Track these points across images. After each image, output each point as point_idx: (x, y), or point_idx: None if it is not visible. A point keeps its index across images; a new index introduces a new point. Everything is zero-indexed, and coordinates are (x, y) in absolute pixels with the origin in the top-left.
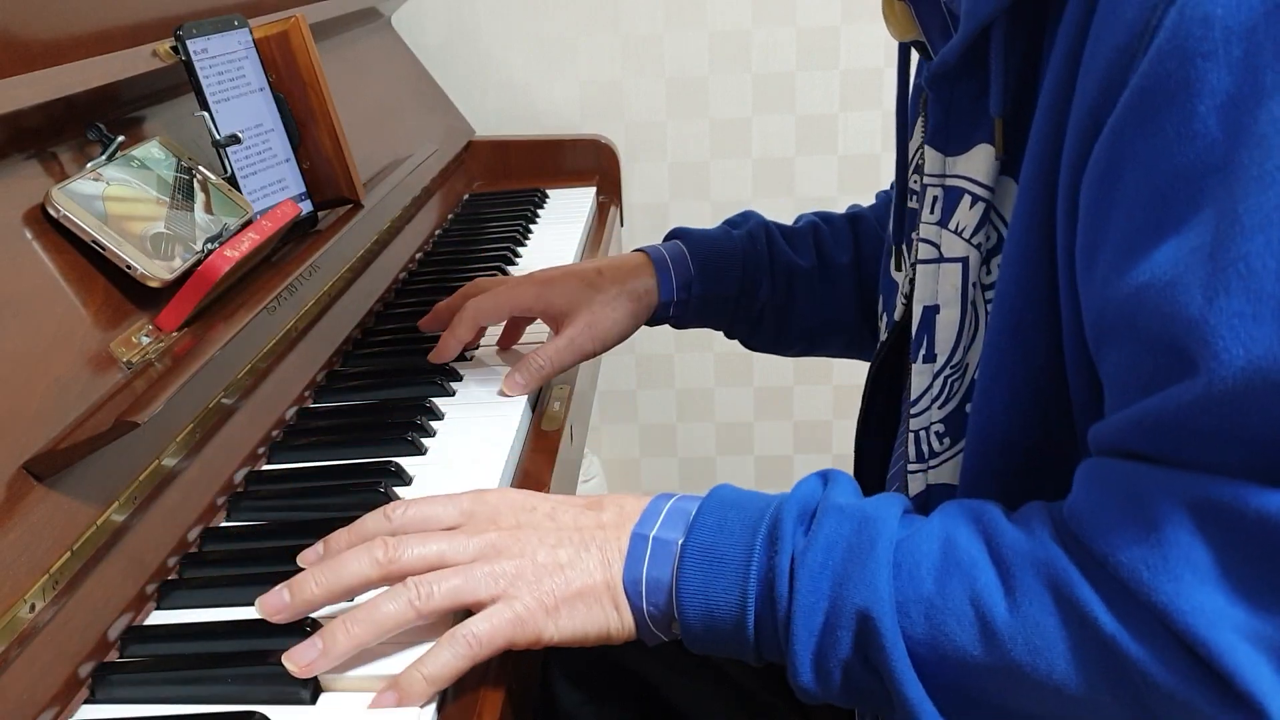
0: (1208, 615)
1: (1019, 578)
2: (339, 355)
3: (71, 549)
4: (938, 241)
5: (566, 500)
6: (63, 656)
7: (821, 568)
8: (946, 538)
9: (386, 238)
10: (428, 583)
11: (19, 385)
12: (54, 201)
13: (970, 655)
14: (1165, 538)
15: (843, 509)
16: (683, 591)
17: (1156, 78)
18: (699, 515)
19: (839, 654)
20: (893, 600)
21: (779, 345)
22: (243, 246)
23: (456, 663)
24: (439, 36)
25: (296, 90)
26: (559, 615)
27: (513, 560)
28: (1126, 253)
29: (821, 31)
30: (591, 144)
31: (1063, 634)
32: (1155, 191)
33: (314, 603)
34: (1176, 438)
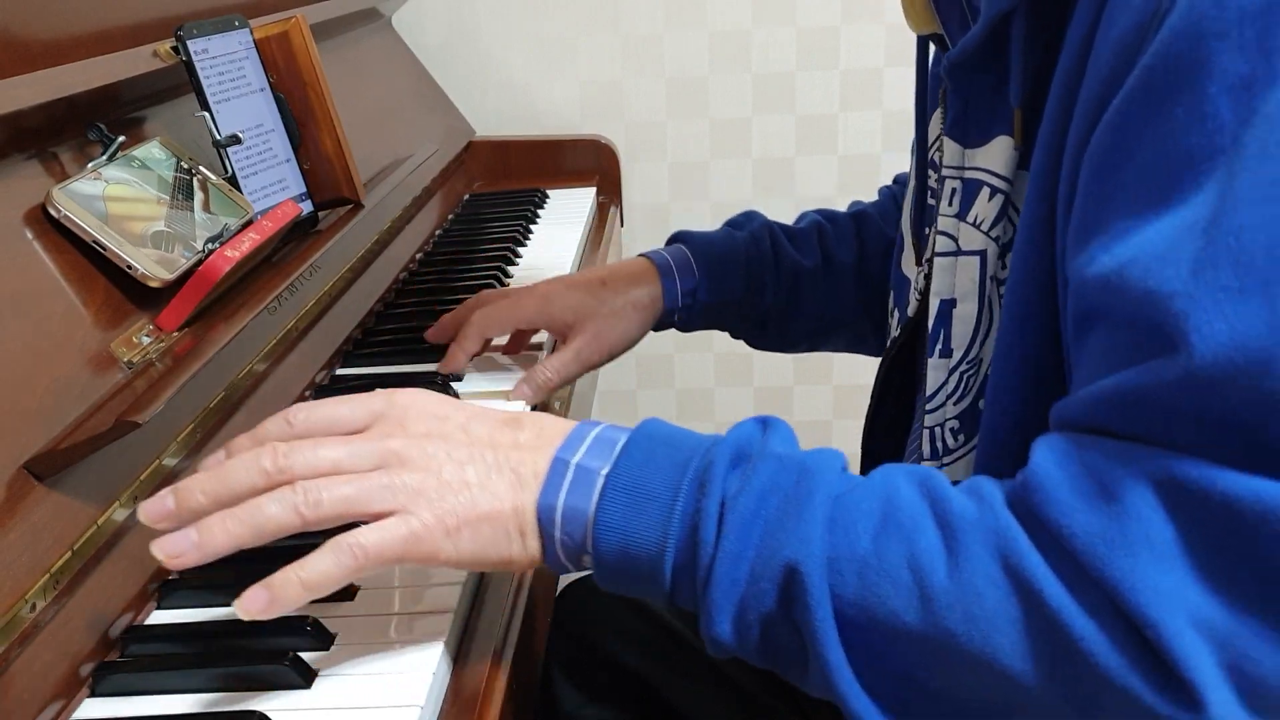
0: (1161, 596)
1: (963, 543)
2: (339, 355)
3: (72, 548)
4: (955, 234)
5: (484, 412)
6: (64, 656)
7: (753, 516)
8: (888, 497)
9: (387, 238)
10: (317, 488)
11: (19, 385)
12: (55, 201)
13: (902, 620)
14: (1126, 512)
15: (781, 458)
16: (600, 524)
17: (1168, 58)
18: (627, 446)
19: (761, 608)
20: (824, 555)
21: (784, 344)
22: (243, 246)
23: (337, 571)
24: (439, 36)
25: (297, 90)
26: (459, 536)
27: (415, 473)
28: (1119, 231)
29: (821, 31)
30: (591, 144)
31: (1005, 605)
32: (1160, 172)
33: (199, 511)
34: (1150, 415)
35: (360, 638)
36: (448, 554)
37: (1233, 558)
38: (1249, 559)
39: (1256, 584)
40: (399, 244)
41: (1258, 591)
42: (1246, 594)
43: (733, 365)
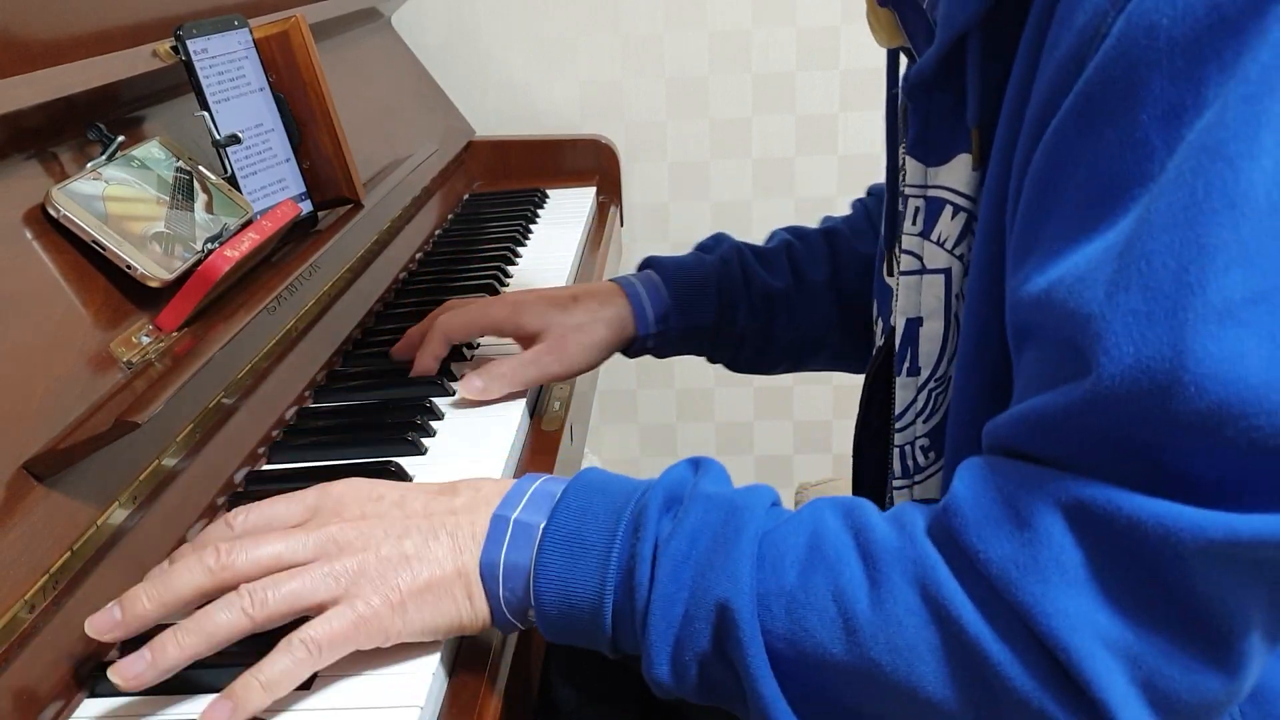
0: (1071, 619)
1: (885, 573)
2: (339, 355)
3: (72, 549)
4: (920, 253)
5: (418, 486)
6: (63, 656)
7: (685, 557)
8: (814, 531)
9: (386, 238)
10: (262, 588)
11: (19, 385)
12: (54, 201)
13: (829, 653)
14: (1037, 538)
15: (710, 497)
16: (540, 577)
17: (1101, 84)
18: (562, 499)
19: (696, 647)
20: (753, 592)
21: (762, 366)
22: (243, 246)
23: (296, 669)
24: (439, 36)
25: (297, 90)
26: (406, 611)
27: (355, 556)
28: (1050, 253)
29: (821, 31)
30: (591, 144)
31: (924, 634)
32: (1092, 195)
33: (146, 617)
34: (1060, 437)
35: None
36: (397, 629)
37: (1138, 580)
38: (1154, 581)
39: (1162, 604)
40: (399, 244)
41: (1164, 612)
42: (1153, 614)
43: None
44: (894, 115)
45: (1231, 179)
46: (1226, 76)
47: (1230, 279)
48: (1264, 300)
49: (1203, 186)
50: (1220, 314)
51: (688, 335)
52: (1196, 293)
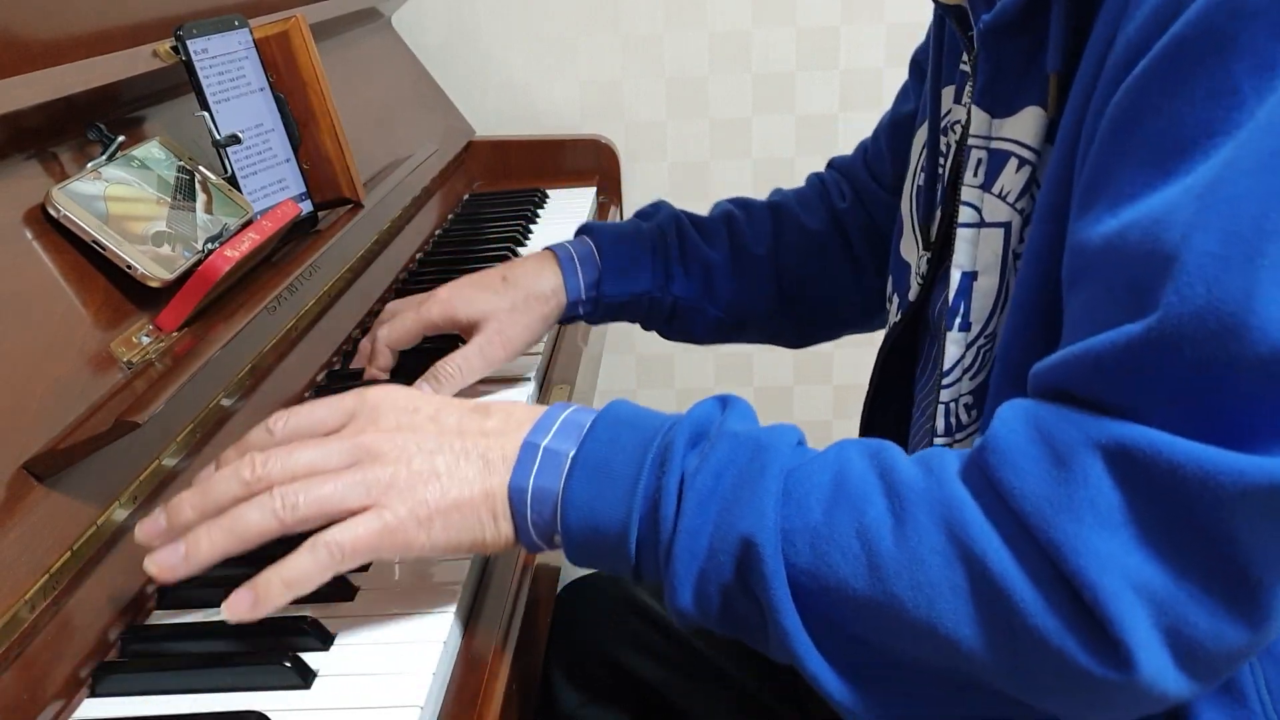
0: (1101, 559)
1: (910, 511)
2: (339, 355)
3: (72, 549)
4: (980, 205)
5: (453, 402)
6: (63, 656)
7: (710, 492)
8: (840, 469)
9: (386, 238)
10: (294, 492)
11: (19, 385)
12: (54, 201)
13: (852, 588)
14: (1074, 477)
15: (737, 435)
16: (568, 503)
17: (1198, 30)
18: (592, 429)
19: (720, 579)
20: (778, 527)
21: (695, 337)
22: (243, 246)
23: (316, 570)
24: (439, 36)
25: (297, 90)
26: (432, 526)
27: (387, 467)
28: (1125, 196)
29: (821, 31)
30: (591, 144)
31: (948, 571)
32: (1174, 140)
33: (188, 524)
34: (1112, 377)
35: (360, 638)
36: (421, 543)
37: (1174, 524)
38: (1189, 526)
39: (1195, 551)
40: (399, 244)
41: (1196, 559)
42: (1185, 560)
43: (733, 365)
44: (938, 78)
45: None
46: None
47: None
48: None
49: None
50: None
51: (620, 303)
52: (1275, 240)
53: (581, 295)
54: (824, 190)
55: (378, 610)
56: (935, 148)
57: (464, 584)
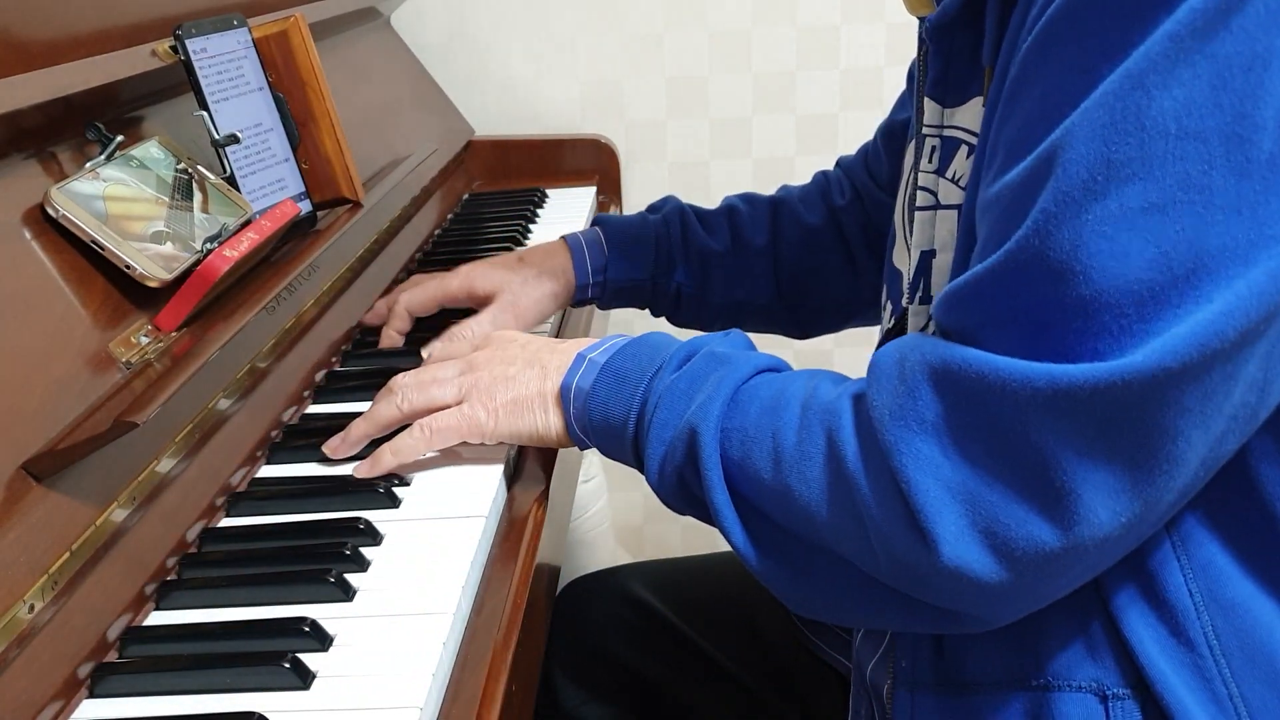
0: (919, 460)
1: (810, 420)
2: (338, 355)
3: (71, 549)
4: (935, 189)
5: (540, 337)
6: (62, 657)
7: (680, 394)
8: (781, 389)
9: (386, 237)
10: (412, 391)
11: (18, 385)
12: (53, 201)
13: (762, 478)
14: (910, 390)
15: (714, 354)
16: (591, 399)
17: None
18: (623, 346)
19: (675, 461)
20: (718, 425)
21: (700, 323)
22: (242, 246)
23: (417, 445)
24: (439, 36)
25: (296, 90)
26: (499, 417)
27: (476, 374)
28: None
29: (821, 31)
30: (591, 144)
31: (823, 469)
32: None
33: (360, 438)
34: (957, 308)
35: (360, 638)
36: (492, 429)
37: (981, 430)
38: (994, 432)
39: (1001, 455)
40: (398, 243)
41: (1003, 463)
42: (993, 464)
43: None
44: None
45: (1145, 105)
46: (1165, 16)
47: (1130, 191)
48: (1156, 211)
49: (1121, 109)
50: (1116, 219)
51: (624, 288)
52: (1099, 199)
53: (589, 279)
54: (826, 187)
55: (377, 611)
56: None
57: (463, 584)
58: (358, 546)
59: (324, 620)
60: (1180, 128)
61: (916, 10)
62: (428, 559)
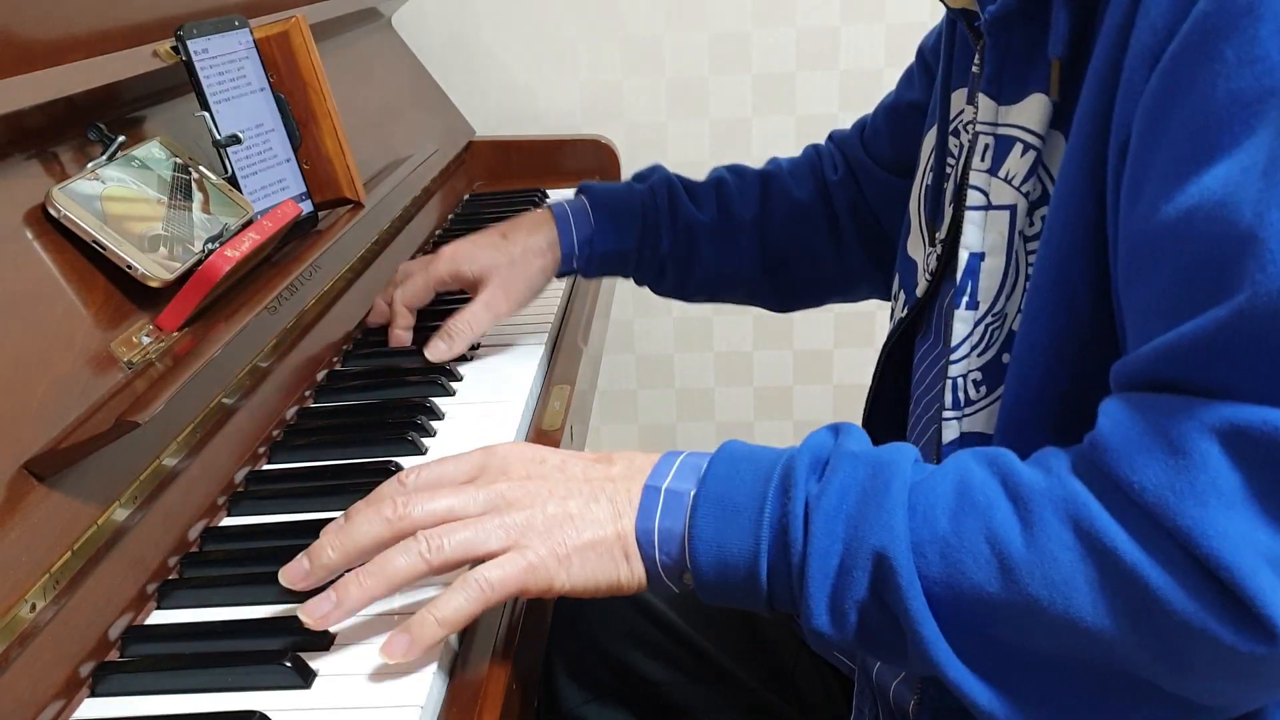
0: (1233, 539)
1: (1036, 512)
2: (340, 355)
3: (72, 548)
4: (986, 189)
5: (576, 454)
6: (63, 656)
7: (836, 511)
8: (961, 479)
9: (387, 238)
10: (438, 535)
11: (20, 385)
12: (54, 201)
13: (986, 592)
14: (1193, 463)
15: (856, 455)
16: (695, 540)
17: (1220, 3)
18: (711, 466)
19: (854, 595)
20: (908, 540)
21: (682, 293)
22: (243, 246)
23: (469, 606)
24: (439, 36)
25: (297, 90)
26: (570, 564)
27: (523, 511)
28: (1175, 177)
29: (821, 31)
30: (592, 144)
31: (1081, 566)
32: (1211, 116)
33: (332, 566)
34: (1206, 361)
35: (360, 638)
36: (562, 582)
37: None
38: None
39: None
40: (399, 244)
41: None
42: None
43: (733, 365)
44: (949, 80)
45: None
46: None
47: None
48: None
49: None
50: None
51: (609, 257)
52: None
53: (575, 250)
54: (817, 161)
55: (378, 610)
56: (944, 149)
57: None
58: None
59: None
60: None
61: (954, 1)
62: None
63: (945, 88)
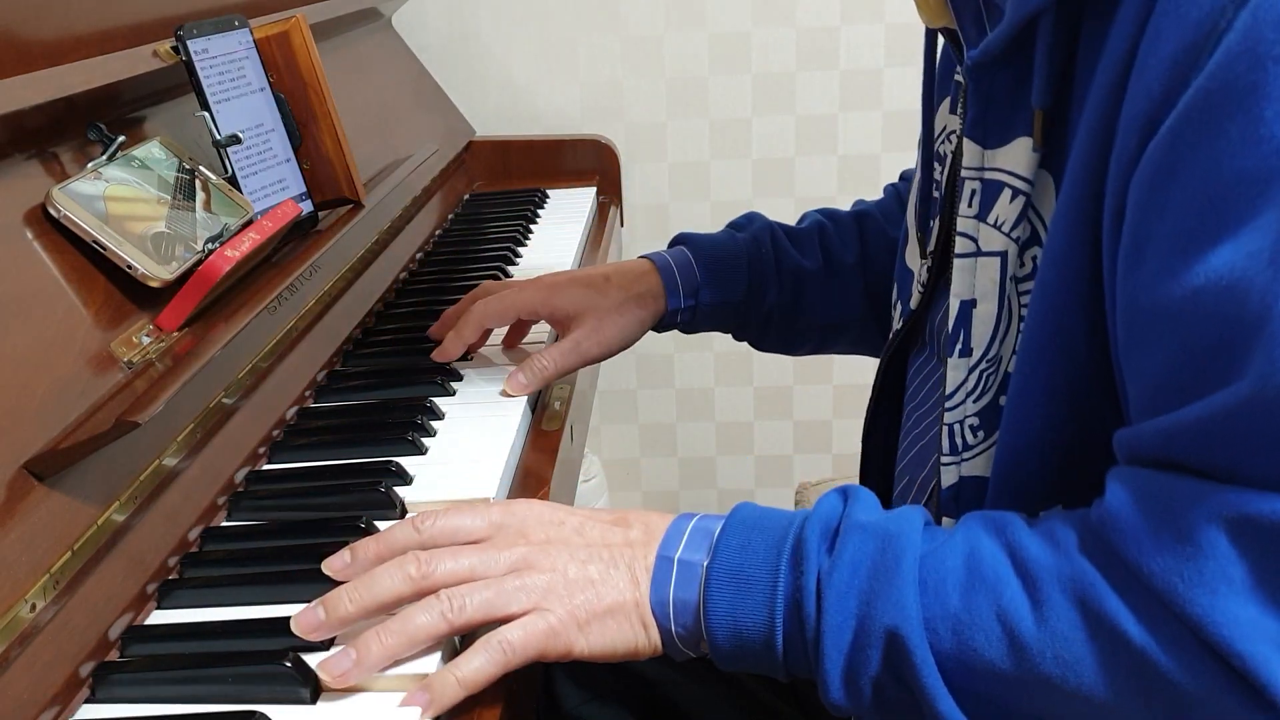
0: (1243, 628)
1: (1045, 591)
2: (339, 355)
3: (72, 549)
4: (975, 235)
5: (593, 515)
6: (63, 656)
7: (848, 587)
8: (970, 552)
9: (387, 238)
10: (460, 595)
11: (20, 385)
12: (55, 201)
13: (999, 669)
14: (1201, 551)
15: (865, 526)
16: (711, 614)
17: (1224, 80)
18: (722, 536)
19: (869, 671)
20: (920, 618)
21: (789, 346)
22: (243, 246)
23: (489, 668)
24: (439, 36)
25: (297, 90)
26: (589, 630)
27: (544, 574)
28: (1179, 254)
29: (821, 31)
30: (592, 144)
31: (1091, 646)
32: (1215, 194)
33: (349, 619)
34: (1215, 446)
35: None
36: (580, 647)
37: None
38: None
39: None
40: (399, 244)
41: None
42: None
43: (733, 365)
44: (930, 94)
45: None
46: None
47: None
48: None
49: None
50: None
51: (716, 310)
52: None
53: (682, 303)
54: (899, 198)
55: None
56: (930, 160)
57: None
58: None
59: None
60: None
61: (932, 20)
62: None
63: (927, 98)
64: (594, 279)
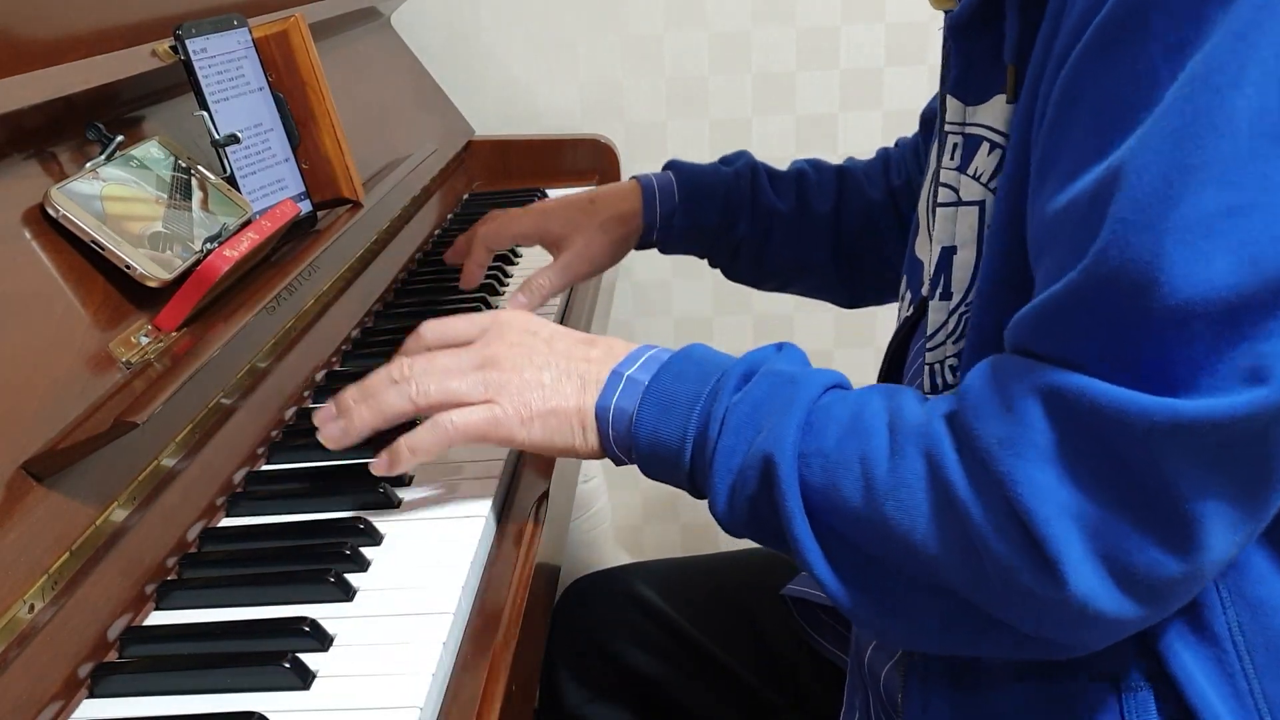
0: (1039, 490)
1: (902, 445)
2: (339, 355)
3: (71, 549)
4: (956, 186)
5: (565, 331)
6: (62, 657)
7: (746, 419)
8: (859, 409)
9: (386, 237)
10: (426, 382)
11: (18, 385)
12: (53, 201)
13: (851, 505)
14: (1020, 420)
15: (779, 373)
16: (638, 424)
17: (1119, 14)
18: (666, 364)
19: (747, 491)
20: (795, 450)
21: (754, 278)
22: (242, 246)
23: (434, 442)
24: (439, 36)
25: (296, 90)
26: (531, 425)
27: (503, 373)
28: (1069, 175)
29: (821, 31)
30: (591, 144)
31: (928, 496)
32: (1103, 121)
33: (349, 408)
34: (1049, 332)
35: (360, 638)
36: (521, 438)
37: (1099, 460)
38: (1113, 462)
39: (1121, 485)
40: (398, 243)
41: (1123, 492)
42: (1113, 494)
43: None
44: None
45: (1217, 106)
46: (1224, 14)
47: (1206, 195)
48: (1236, 214)
49: (1191, 112)
50: (1194, 225)
51: (689, 234)
52: (1176, 206)
53: (657, 222)
54: (886, 165)
55: (377, 611)
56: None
57: (463, 584)
58: (358, 546)
59: (324, 620)
60: (1254, 127)
61: (940, 4)
62: (428, 559)
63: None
64: (581, 202)
